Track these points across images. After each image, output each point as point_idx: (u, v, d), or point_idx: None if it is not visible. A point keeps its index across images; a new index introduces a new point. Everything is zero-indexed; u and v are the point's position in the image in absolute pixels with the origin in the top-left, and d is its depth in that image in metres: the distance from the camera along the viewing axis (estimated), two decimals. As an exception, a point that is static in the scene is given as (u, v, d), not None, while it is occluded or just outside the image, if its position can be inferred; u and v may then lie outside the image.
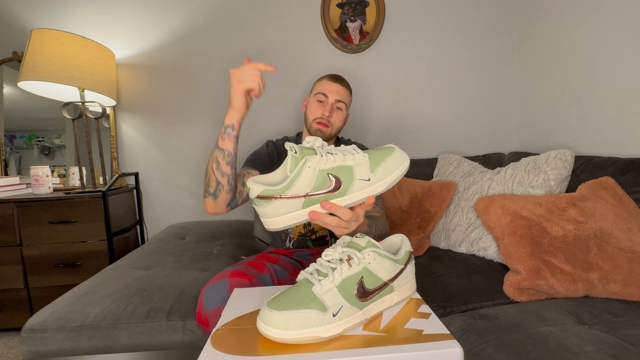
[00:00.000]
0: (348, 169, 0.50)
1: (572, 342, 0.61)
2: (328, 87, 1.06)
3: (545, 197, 0.98)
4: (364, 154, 0.51)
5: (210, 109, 1.70)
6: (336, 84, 1.06)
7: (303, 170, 0.48)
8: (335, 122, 1.06)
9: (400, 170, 0.53)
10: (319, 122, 1.03)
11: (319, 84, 1.09)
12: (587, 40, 1.34)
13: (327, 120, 1.03)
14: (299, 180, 0.48)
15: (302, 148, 0.50)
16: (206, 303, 0.72)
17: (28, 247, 1.37)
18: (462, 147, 1.82)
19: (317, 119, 1.04)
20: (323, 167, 0.49)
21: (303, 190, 0.48)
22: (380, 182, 0.51)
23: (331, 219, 0.52)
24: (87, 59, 1.39)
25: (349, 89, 1.11)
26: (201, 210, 1.75)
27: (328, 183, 0.49)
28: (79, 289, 0.97)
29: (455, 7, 1.72)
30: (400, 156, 0.53)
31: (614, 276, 0.80)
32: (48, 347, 0.80)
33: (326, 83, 1.07)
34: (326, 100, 1.05)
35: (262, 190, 0.48)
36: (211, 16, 1.65)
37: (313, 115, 1.05)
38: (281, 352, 0.39)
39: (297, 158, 0.49)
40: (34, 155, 1.69)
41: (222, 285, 0.73)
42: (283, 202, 0.48)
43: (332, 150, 0.51)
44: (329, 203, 0.50)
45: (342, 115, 1.08)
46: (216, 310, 0.70)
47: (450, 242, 1.23)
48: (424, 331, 0.43)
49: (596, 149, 1.32)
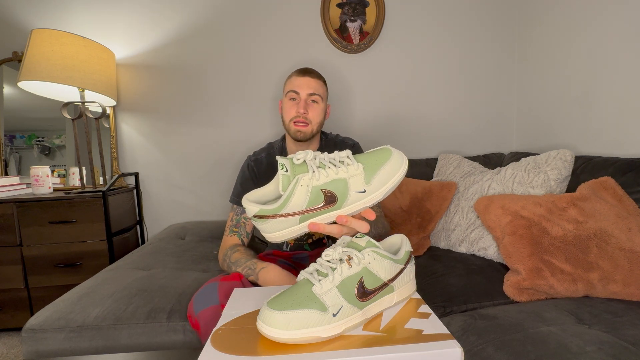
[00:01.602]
0: (342, 182, 0.48)
1: (572, 342, 0.61)
2: (297, 82, 0.98)
3: (545, 197, 0.98)
4: (357, 165, 0.49)
5: (210, 109, 1.70)
6: (305, 78, 0.98)
7: (296, 189, 0.47)
8: (314, 118, 0.98)
9: (397, 176, 0.50)
10: (296, 122, 0.97)
11: (288, 81, 1.01)
12: (587, 41, 1.34)
13: (304, 118, 0.96)
14: (292, 200, 0.47)
15: (293, 165, 0.48)
16: (195, 306, 0.73)
17: (28, 247, 1.37)
18: (462, 147, 1.82)
19: (293, 118, 0.97)
20: (316, 183, 0.47)
21: (298, 208, 0.48)
22: (376, 192, 0.50)
23: (332, 228, 0.51)
24: (87, 59, 1.39)
25: (322, 79, 1.03)
26: (201, 210, 1.75)
27: (323, 199, 0.48)
28: (79, 289, 0.97)
29: (455, 7, 1.72)
30: (398, 160, 0.50)
31: (614, 276, 0.80)
32: (48, 347, 0.80)
33: (295, 79, 0.99)
34: (298, 96, 0.98)
35: (257, 210, 0.48)
36: (211, 16, 1.65)
37: (289, 116, 0.98)
38: (281, 352, 0.39)
39: (288, 177, 0.48)
40: (34, 155, 1.69)
41: (211, 288, 0.74)
42: (279, 220, 0.48)
43: (324, 162, 0.49)
44: (344, 217, 0.49)
45: (319, 109, 0.99)
46: (204, 311, 0.71)
47: (450, 242, 1.23)
48: (424, 331, 0.43)
49: (596, 149, 1.32)
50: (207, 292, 0.73)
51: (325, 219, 0.49)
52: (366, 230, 0.51)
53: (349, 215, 0.50)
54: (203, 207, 1.75)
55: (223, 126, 1.71)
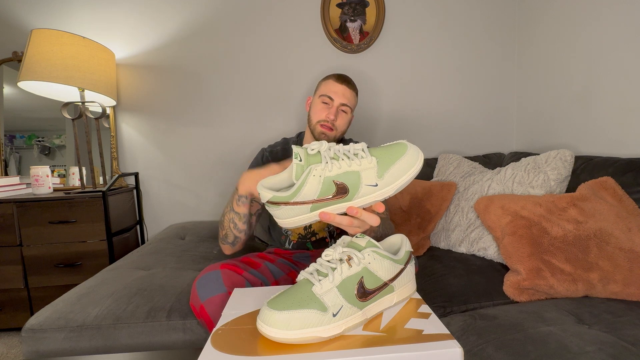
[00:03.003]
0: (355, 175, 0.49)
1: (572, 342, 0.61)
2: (334, 88, 1.01)
3: (545, 197, 0.98)
4: (371, 158, 0.49)
5: (210, 108, 1.70)
6: (342, 86, 1.02)
7: (308, 179, 0.47)
8: (340, 126, 1.02)
9: (411, 172, 0.50)
10: (323, 125, 1.00)
11: (325, 84, 1.04)
12: (587, 41, 1.34)
13: (331, 124, 1.00)
14: (304, 189, 0.48)
15: (307, 155, 0.49)
16: (200, 293, 0.71)
17: (28, 247, 1.37)
18: (462, 147, 1.82)
19: (321, 121, 1.00)
20: (328, 174, 0.48)
21: (309, 197, 0.48)
22: (388, 187, 0.50)
23: (342, 219, 0.51)
24: (87, 59, 1.39)
25: (356, 91, 1.07)
26: (201, 210, 1.75)
27: (334, 190, 0.48)
28: (79, 289, 0.97)
29: (455, 7, 1.72)
30: (413, 156, 0.50)
31: (614, 276, 0.80)
32: (48, 347, 0.80)
33: (332, 84, 1.02)
34: (331, 102, 1.01)
35: (271, 197, 0.49)
36: (211, 16, 1.65)
37: (317, 117, 1.01)
38: (281, 352, 0.39)
39: (302, 166, 0.48)
40: (34, 155, 1.69)
41: (215, 275, 0.73)
42: (291, 207, 0.49)
43: (338, 154, 0.50)
44: (354, 209, 0.49)
45: (346, 119, 1.04)
46: (211, 299, 0.70)
47: (450, 242, 1.23)
48: (424, 331, 0.43)
49: (596, 149, 1.32)
50: (211, 278, 0.72)
51: (335, 209, 0.50)
52: (377, 224, 0.51)
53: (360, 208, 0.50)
54: (203, 207, 1.75)
55: (223, 126, 1.71)
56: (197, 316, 0.75)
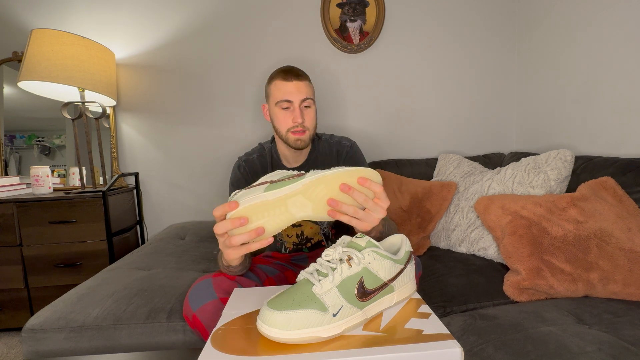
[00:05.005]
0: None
1: (572, 342, 0.61)
2: (287, 88, 0.90)
3: (545, 197, 0.98)
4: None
5: (210, 109, 1.70)
6: (293, 82, 0.90)
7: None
8: (310, 123, 0.94)
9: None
10: (295, 132, 0.91)
11: (274, 87, 0.92)
12: (587, 41, 1.34)
13: (301, 127, 0.91)
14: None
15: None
16: (192, 304, 0.71)
17: (28, 247, 1.37)
18: (462, 147, 1.82)
19: (290, 129, 0.92)
20: None
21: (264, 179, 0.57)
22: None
23: (347, 208, 0.55)
24: (87, 59, 1.39)
25: (308, 78, 0.95)
26: (201, 210, 1.75)
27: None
28: (79, 289, 0.97)
29: (455, 8, 1.72)
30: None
31: (614, 276, 0.80)
32: (48, 347, 0.80)
33: (282, 85, 0.91)
34: (291, 105, 0.91)
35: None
36: (211, 16, 1.65)
37: (285, 126, 0.92)
38: (281, 352, 0.39)
39: None
40: (34, 155, 1.69)
41: (205, 284, 0.72)
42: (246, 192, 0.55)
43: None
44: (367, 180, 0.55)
45: (313, 112, 0.95)
46: (203, 307, 0.69)
47: (450, 242, 1.23)
48: (424, 331, 0.43)
49: (596, 149, 1.32)
50: (201, 288, 0.72)
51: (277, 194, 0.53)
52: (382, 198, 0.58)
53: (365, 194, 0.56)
54: (203, 207, 1.75)
55: (223, 126, 1.71)
56: (190, 326, 0.74)
